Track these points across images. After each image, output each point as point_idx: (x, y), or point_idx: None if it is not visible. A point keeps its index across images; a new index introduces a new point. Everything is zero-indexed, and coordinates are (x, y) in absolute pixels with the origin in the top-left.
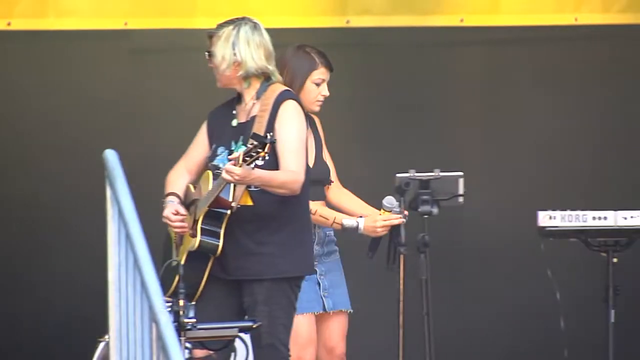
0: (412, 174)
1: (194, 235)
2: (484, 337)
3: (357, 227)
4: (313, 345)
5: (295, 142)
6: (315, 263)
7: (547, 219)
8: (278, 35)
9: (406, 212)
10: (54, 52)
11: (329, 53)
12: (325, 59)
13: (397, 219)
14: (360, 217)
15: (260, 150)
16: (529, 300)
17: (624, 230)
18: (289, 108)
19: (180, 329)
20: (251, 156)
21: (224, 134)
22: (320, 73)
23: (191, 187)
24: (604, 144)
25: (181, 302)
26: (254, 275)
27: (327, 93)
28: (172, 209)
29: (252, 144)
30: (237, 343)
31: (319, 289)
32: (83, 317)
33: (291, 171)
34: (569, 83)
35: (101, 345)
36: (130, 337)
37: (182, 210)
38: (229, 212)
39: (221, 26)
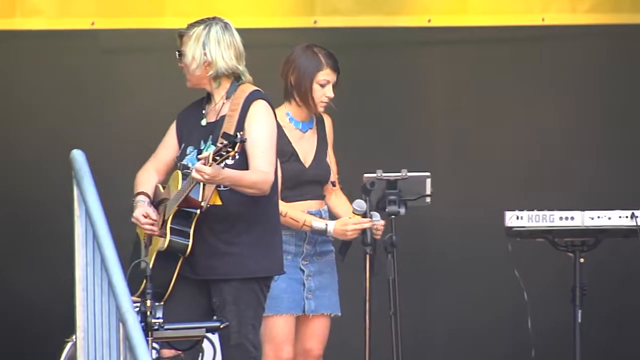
0: (379, 175)
1: (162, 236)
2: (451, 337)
3: (325, 230)
4: (289, 344)
5: (265, 142)
6: (305, 263)
7: (515, 219)
8: (246, 36)
9: (382, 222)
10: (20, 52)
11: None
12: (333, 60)
13: (367, 223)
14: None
15: (230, 149)
16: (497, 300)
17: (591, 230)
18: (259, 108)
19: (147, 329)
20: (221, 155)
21: (193, 134)
22: (326, 74)
23: (160, 187)
24: (571, 144)
25: (148, 303)
26: (222, 275)
27: (331, 94)
28: (142, 211)
29: (222, 143)
30: (205, 343)
31: (303, 290)
32: (50, 317)
33: (261, 171)
34: (536, 83)
35: (68, 345)
36: (98, 338)
37: (153, 213)
38: (198, 211)
39: (192, 26)
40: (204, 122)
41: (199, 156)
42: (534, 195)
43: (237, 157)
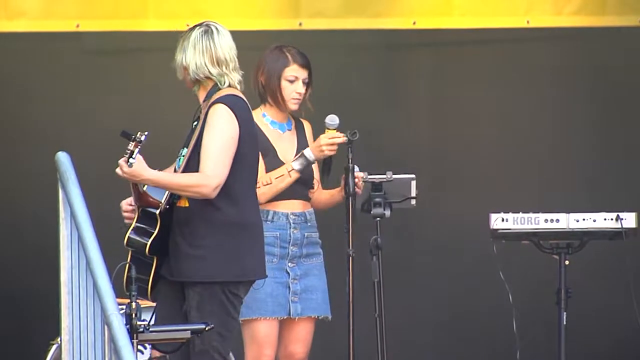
0: (364, 177)
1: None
2: (436, 339)
3: (305, 158)
4: (271, 347)
5: (212, 146)
6: (292, 265)
7: (500, 221)
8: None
9: (363, 174)
10: (5, 54)
11: None
12: (301, 56)
13: (340, 137)
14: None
15: (130, 148)
16: (482, 302)
17: (576, 232)
18: (214, 112)
19: (132, 331)
20: (126, 153)
21: (187, 137)
22: (293, 70)
23: None
24: (556, 146)
25: (133, 305)
26: (188, 278)
27: (301, 90)
28: (129, 200)
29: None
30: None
31: (288, 293)
32: (35, 319)
33: (200, 174)
34: (520, 85)
35: (53, 347)
36: (83, 340)
37: (127, 205)
38: (157, 211)
39: (187, 30)
40: (193, 125)
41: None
42: (519, 197)
43: (135, 154)
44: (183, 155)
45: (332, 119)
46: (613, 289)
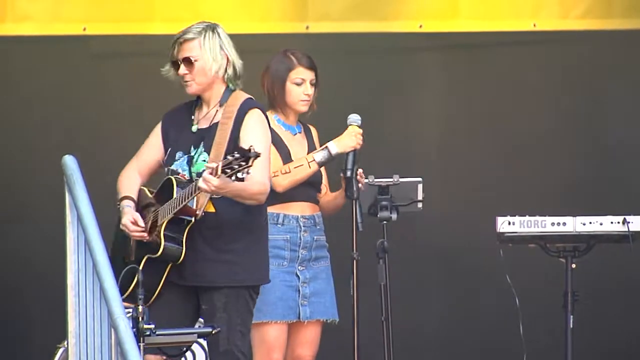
0: (371, 180)
1: (154, 242)
2: (442, 343)
3: (329, 152)
4: (280, 351)
5: (261, 153)
6: (302, 269)
7: (506, 224)
8: (237, 41)
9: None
10: (11, 57)
11: None
12: (306, 58)
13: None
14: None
15: (243, 163)
16: (488, 306)
17: (582, 236)
18: (254, 117)
19: (139, 335)
20: (232, 168)
21: (182, 139)
22: (299, 73)
23: (145, 190)
24: (562, 148)
25: (140, 308)
26: (210, 282)
27: (310, 92)
28: (130, 217)
29: (234, 156)
30: (197, 348)
31: (298, 296)
32: (42, 322)
33: (259, 182)
34: (527, 88)
35: (60, 351)
36: (89, 343)
37: (140, 220)
38: (193, 219)
39: (191, 31)
40: (194, 128)
41: (207, 165)
42: (525, 200)
43: (249, 172)
44: (188, 156)
45: (355, 118)
46: (620, 292)
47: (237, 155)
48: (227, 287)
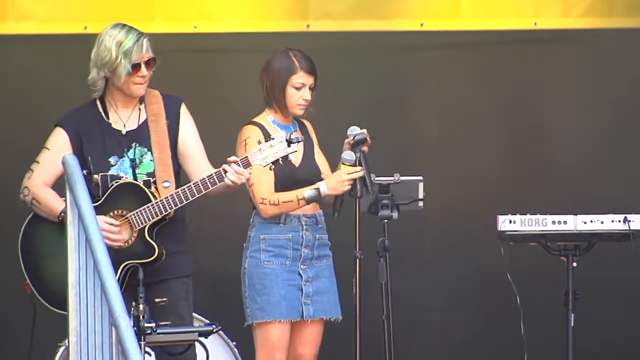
0: (372, 178)
1: (135, 246)
2: (443, 341)
3: (319, 192)
4: (283, 350)
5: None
6: (304, 267)
7: (507, 223)
8: (238, 40)
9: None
10: (12, 56)
11: None
12: (308, 62)
13: (360, 172)
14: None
15: (288, 148)
16: (489, 304)
17: (583, 234)
18: (186, 111)
19: (140, 333)
20: (265, 158)
21: (109, 143)
22: (299, 77)
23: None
24: (563, 147)
25: (141, 307)
26: (174, 274)
27: (308, 97)
28: (108, 221)
29: (265, 145)
30: (197, 347)
31: (301, 295)
32: (43, 320)
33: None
34: (528, 86)
35: (61, 349)
36: (90, 342)
37: (116, 221)
38: (166, 219)
39: (141, 32)
40: (123, 131)
41: (233, 159)
42: (526, 199)
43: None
44: (129, 159)
45: (350, 155)
46: (621, 290)
47: (273, 143)
48: (186, 277)
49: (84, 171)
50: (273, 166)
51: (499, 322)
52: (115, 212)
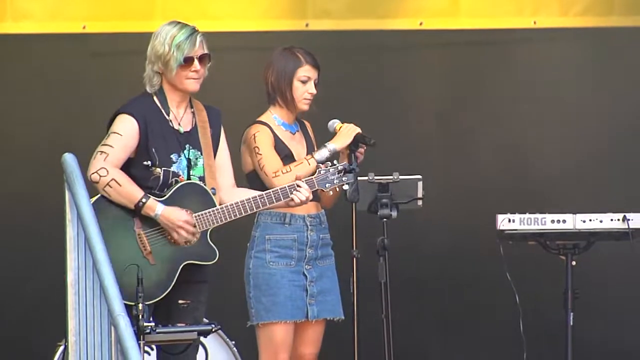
0: (371, 178)
1: (199, 246)
2: (442, 340)
3: (328, 149)
4: (287, 351)
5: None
6: (309, 268)
7: (506, 222)
8: (237, 38)
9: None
10: (11, 55)
11: None
12: (311, 57)
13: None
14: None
15: (344, 178)
16: (488, 303)
17: (582, 233)
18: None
19: (139, 332)
20: (331, 182)
21: (169, 140)
22: (305, 71)
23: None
24: (562, 146)
25: (140, 306)
26: (205, 277)
27: (314, 91)
28: (187, 218)
29: (330, 170)
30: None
31: (306, 295)
32: (41, 320)
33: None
34: (527, 85)
35: (60, 349)
36: (90, 341)
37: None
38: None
39: (194, 27)
40: (181, 130)
41: (301, 181)
42: (525, 198)
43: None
44: (186, 159)
45: (332, 121)
46: (620, 289)
47: (340, 169)
48: (207, 282)
49: (146, 162)
50: (331, 192)
51: (498, 320)
52: None
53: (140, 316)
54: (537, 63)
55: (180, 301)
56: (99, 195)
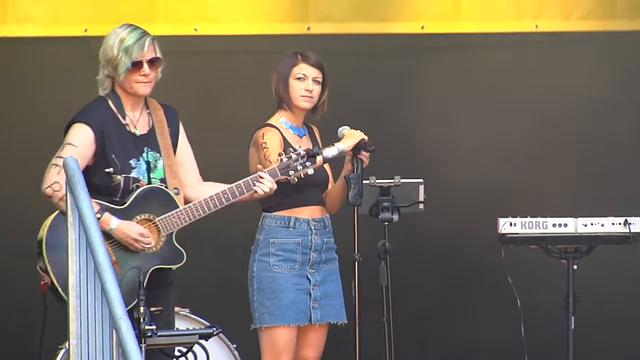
0: (372, 181)
1: (164, 251)
2: (444, 344)
3: (337, 149)
4: (289, 355)
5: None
6: (312, 271)
7: (508, 225)
8: (238, 42)
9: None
10: (12, 58)
11: None
12: (311, 56)
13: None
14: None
15: (308, 163)
16: (490, 307)
17: (584, 237)
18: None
19: (140, 335)
20: (295, 169)
21: (127, 145)
22: (300, 68)
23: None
24: (564, 149)
25: (142, 309)
26: (169, 283)
27: (310, 87)
28: (139, 230)
29: (293, 157)
30: (197, 348)
31: (310, 299)
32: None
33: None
34: (529, 89)
35: (61, 352)
36: (91, 344)
37: (147, 232)
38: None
39: (146, 31)
40: (137, 133)
41: (261, 167)
42: (527, 202)
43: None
44: (145, 162)
45: (342, 127)
46: (621, 293)
47: (302, 154)
48: (174, 285)
49: (107, 170)
50: (296, 179)
51: (500, 324)
52: (142, 216)
53: (142, 319)
54: (539, 67)
55: (152, 308)
56: (57, 211)
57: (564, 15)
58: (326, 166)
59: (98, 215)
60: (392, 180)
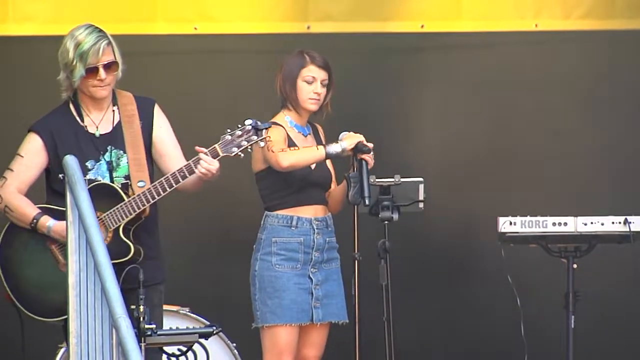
0: (372, 180)
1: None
2: (444, 343)
3: (340, 147)
4: (291, 354)
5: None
6: (314, 271)
7: (508, 224)
8: (239, 41)
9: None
10: (13, 57)
11: None
12: (319, 58)
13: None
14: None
15: (254, 137)
16: (489, 306)
17: (584, 235)
18: (160, 111)
19: (140, 335)
20: (239, 145)
21: (84, 147)
22: (309, 70)
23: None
24: (563, 148)
25: (141, 308)
26: (151, 280)
27: (319, 90)
28: None
29: (236, 134)
30: (197, 348)
31: (311, 299)
32: (37, 325)
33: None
34: (529, 88)
35: (61, 351)
36: (91, 343)
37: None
38: (142, 219)
39: (101, 34)
40: (97, 134)
41: (200, 149)
42: (527, 201)
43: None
44: (106, 162)
45: (343, 133)
46: (621, 292)
47: (247, 129)
48: (160, 284)
49: (60, 175)
50: (242, 155)
51: (500, 323)
52: None
53: (142, 318)
54: (539, 66)
55: (132, 306)
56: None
57: (564, 15)
58: (329, 166)
59: (35, 220)
60: (392, 180)
